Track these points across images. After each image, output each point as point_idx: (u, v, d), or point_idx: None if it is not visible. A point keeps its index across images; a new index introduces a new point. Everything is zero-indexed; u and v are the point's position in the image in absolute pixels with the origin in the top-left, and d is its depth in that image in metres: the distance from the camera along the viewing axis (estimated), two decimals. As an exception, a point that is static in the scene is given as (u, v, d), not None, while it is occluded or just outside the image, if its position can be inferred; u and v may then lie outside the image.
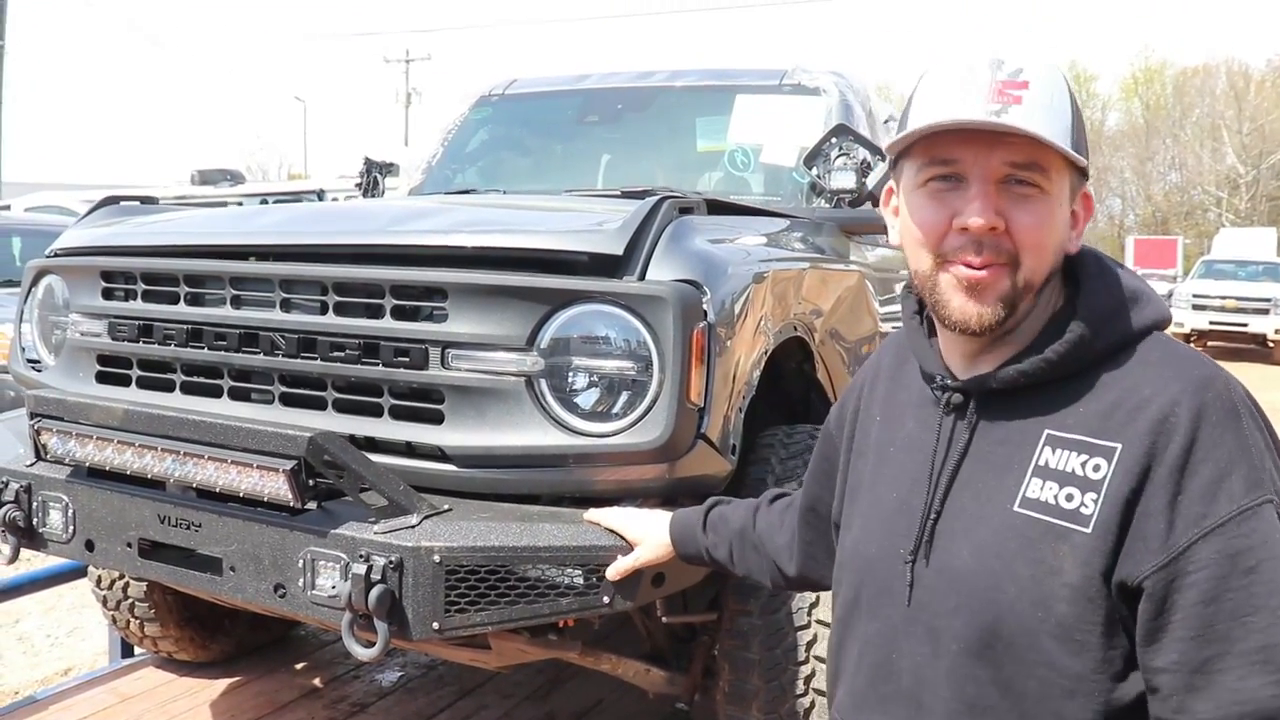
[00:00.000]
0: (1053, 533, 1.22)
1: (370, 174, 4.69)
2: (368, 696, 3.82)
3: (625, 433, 2.23)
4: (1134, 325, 1.30)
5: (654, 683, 2.83)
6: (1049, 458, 1.26)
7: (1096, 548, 1.19)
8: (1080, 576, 1.20)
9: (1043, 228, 1.28)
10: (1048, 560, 1.22)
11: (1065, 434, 1.26)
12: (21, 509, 2.61)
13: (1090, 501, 1.21)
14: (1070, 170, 1.30)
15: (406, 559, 2.10)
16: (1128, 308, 1.31)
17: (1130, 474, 1.19)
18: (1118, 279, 1.34)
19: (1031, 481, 1.26)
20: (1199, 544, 1.15)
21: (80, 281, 2.92)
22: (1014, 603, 1.24)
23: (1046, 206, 1.28)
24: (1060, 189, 1.29)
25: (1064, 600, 1.21)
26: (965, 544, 1.30)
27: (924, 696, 1.33)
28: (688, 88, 4.40)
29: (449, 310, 2.32)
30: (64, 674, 4.72)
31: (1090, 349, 1.28)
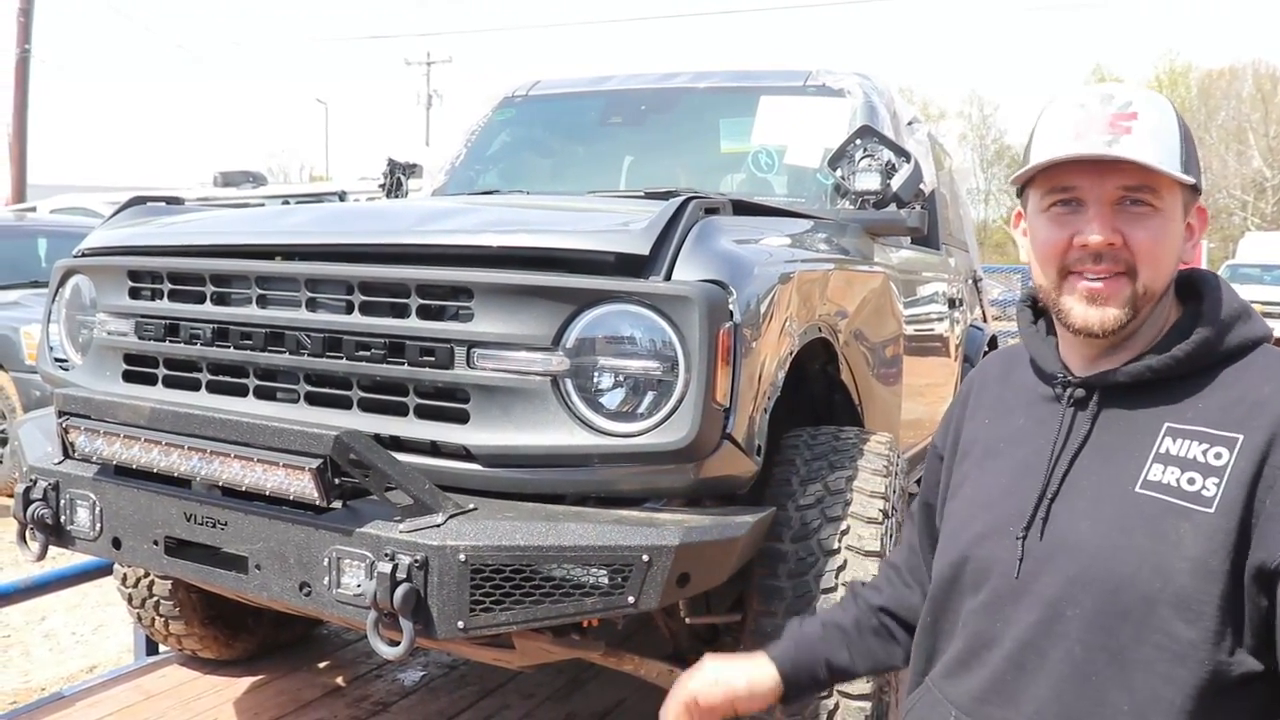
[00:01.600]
0: (1174, 511, 1.33)
1: (394, 175, 4.70)
2: (390, 695, 3.83)
3: (650, 433, 2.23)
4: (1250, 334, 1.44)
5: (677, 684, 2.82)
6: (1170, 446, 1.37)
7: (1220, 526, 1.29)
8: (1202, 550, 1.30)
9: (1157, 241, 1.42)
10: (1169, 535, 1.32)
11: (1186, 425, 1.37)
12: (49, 506, 2.63)
13: (1212, 485, 1.31)
14: (1181, 189, 1.43)
15: (432, 558, 2.10)
16: (1242, 320, 1.44)
17: (1253, 461, 1.30)
18: (1233, 295, 1.46)
19: (1153, 467, 1.37)
20: None
21: (107, 281, 2.94)
22: (1135, 573, 1.33)
23: (1159, 222, 1.42)
24: (1172, 206, 1.42)
25: (1184, 572, 1.30)
26: (1085, 519, 1.40)
27: (1027, 660, 1.42)
28: (711, 89, 4.40)
29: (474, 310, 2.33)
30: (89, 671, 4.76)
31: (1212, 351, 1.41)
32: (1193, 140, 1.45)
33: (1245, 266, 22.74)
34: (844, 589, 2.49)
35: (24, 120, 19.00)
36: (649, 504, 2.33)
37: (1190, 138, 1.45)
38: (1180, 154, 1.42)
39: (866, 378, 3.22)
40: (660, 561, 2.12)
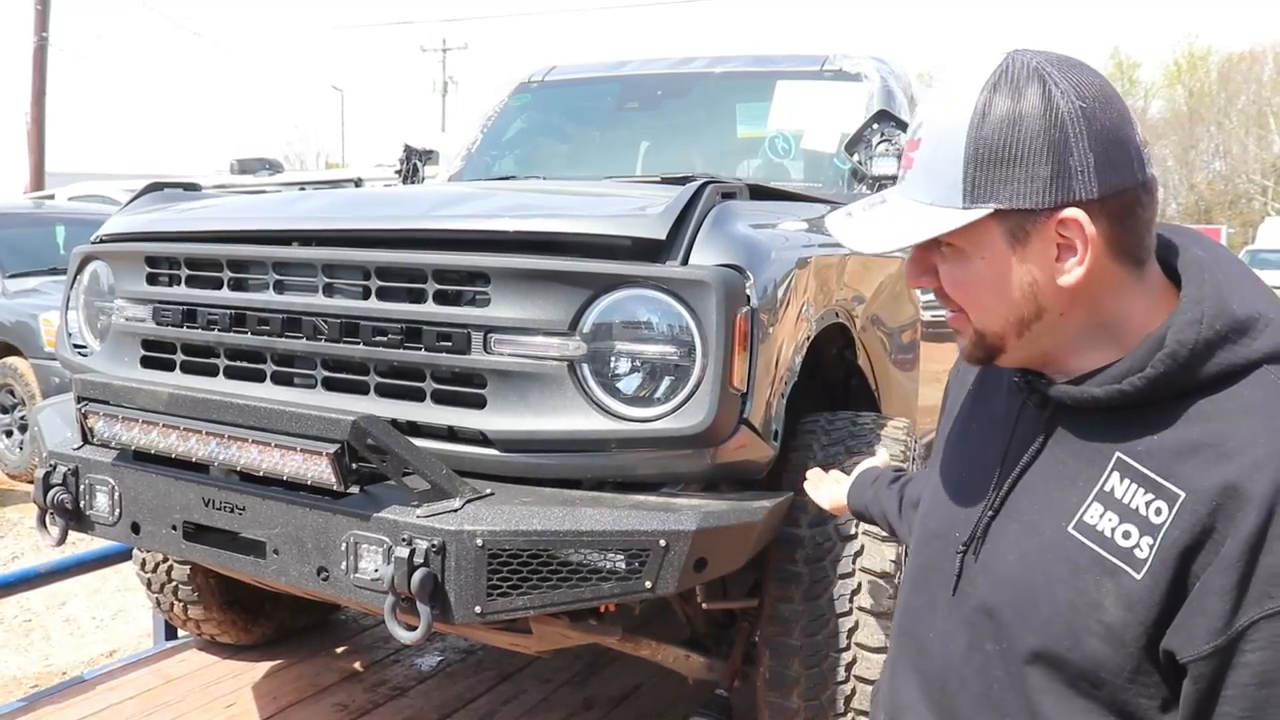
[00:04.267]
0: (1101, 566, 1.16)
1: (410, 161, 4.70)
2: (407, 680, 3.85)
3: (668, 418, 2.23)
4: (1239, 357, 1.15)
5: (693, 669, 2.83)
6: (1115, 485, 1.17)
7: (1143, 597, 1.12)
8: (1119, 620, 1.14)
9: (962, 284, 1.23)
10: (1090, 592, 1.16)
11: (1136, 463, 1.16)
12: (69, 492, 2.64)
13: (1146, 546, 1.13)
14: (997, 217, 1.17)
15: (449, 543, 2.10)
16: (1235, 336, 1.16)
17: (1188, 532, 1.10)
18: (1226, 301, 1.17)
19: (1092, 505, 1.19)
20: (1261, 623, 1.07)
21: (125, 267, 2.95)
22: (1046, 624, 1.19)
23: (961, 263, 1.22)
24: (977, 242, 1.19)
25: (1097, 636, 1.15)
26: (1014, 550, 1.25)
27: (950, 683, 1.32)
28: (728, 74, 4.38)
29: (491, 295, 2.32)
30: (109, 655, 4.79)
31: (1175, 384, 1.16)
32: (999, 150, 1.16)
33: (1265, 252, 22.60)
34: (861, 574, 2.48)
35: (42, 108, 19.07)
36: (666, 489, 2.32)
37: (989, 150, 1.16)
38: (965, 181, 1.17)
39: (883, 363, 3.21)
40: (677, 546, 2.12)
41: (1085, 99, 1.14)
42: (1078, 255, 1.16)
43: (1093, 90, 1.15)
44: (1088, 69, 1.17)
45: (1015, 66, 1.16)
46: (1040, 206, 1.15)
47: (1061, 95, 1.14)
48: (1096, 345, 1.22)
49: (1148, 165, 1.17)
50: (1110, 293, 1.20)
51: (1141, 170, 1.16)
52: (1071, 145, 1.14)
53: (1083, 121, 1.13)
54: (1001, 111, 1.15)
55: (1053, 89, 1.14)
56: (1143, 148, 1.17)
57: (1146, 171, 1.17)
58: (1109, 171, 1.14)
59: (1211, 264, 1.21)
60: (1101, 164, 1.14)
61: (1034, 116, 1.14)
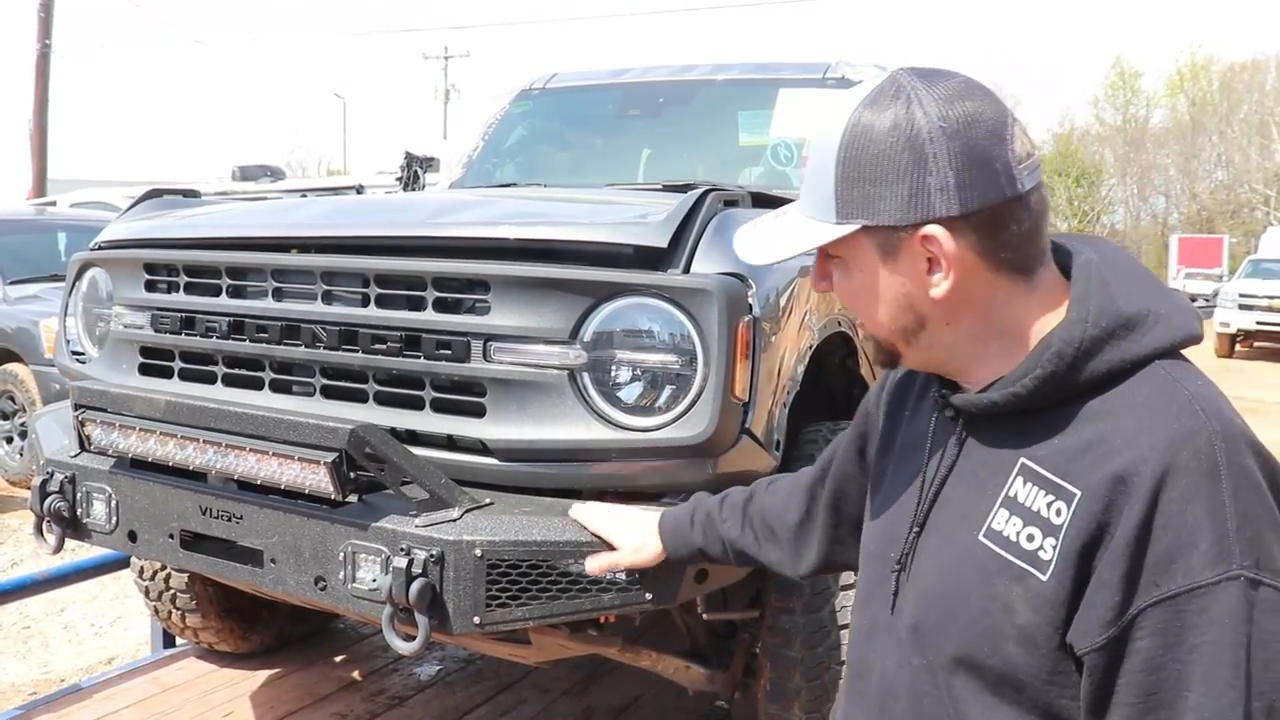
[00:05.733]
0: (1010, 571, 1.18)
1: (411, 168, 4.69)
2: (406, 690, 3.83)
3: (669, 427, 2.21)
4: (1129, 354, 1.18)
5: (694, 680, 2.80)
6: (1019, 490, 1.20)
7: (1049, 598, 1.14)
8: (1030, 622, 1.16)
9: (847, 294, 1.30)
10: (1002, 598, 1.18)
11: (1038, 467, 1.19)
12: (66, 499, 2.62)
13: (1049, 547, 1.15)
14: (866, 232, 1.23)
15: (448, 553, 2.08)
16: (1122, 334, 1.19)
17: (1085, 529, 1.13)
18: (1113, 299, 1.20)
19: (999, 512, 1.21)
20: (1148, 611, 1.09)
21: (123, 274, 2.94)
22: (964, 632, 1.21)
23: (844, 273, 1.29)
24: (854, 253, 1.26)
25: (1012, 640, 1.17)
26: (933, 564, 1.28)
27: (887, 702, 1.33)
28: (730, 81, 4.37)
29: (491, 303, 2.31)
30: (107, 663, 4.77)
31: (1066, 384, 1.19)
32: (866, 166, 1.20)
33: (1268, 261, 22.55)
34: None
35: (44, 115, 19.10)
36: (667, 499, 2.30)
37: (858, 166, 1.20)
38: (835, 198, 1.22)
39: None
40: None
41: (948, 118, 1.17)
42: (943, 270, 1.21)
43: (959, 109, 1.17)
44: (963, 87, 1.20)
45: (887, 86, 1.21)
46: (902, 224, 1.20)
47: (924, 115, 1.17)
48: (999, 354, 1.25)
49: (1022, 179, 1.18)
50: (997, 302, 1.23)
51: (1012, 185, 1.17)
52: (930, 164, 1.17)
53: (943, 140, 1.16)
54: (867, 131, 1.20)
55: (915, 109, 1.18)
56: (1018, 163, 1.18)
57: (1019, 186, 1.18)
58: (971, 189, 1.17)
59: (1100, 265, 1.24)
60: (963, 182, 1.16)
61: (895, 136, 1.18)
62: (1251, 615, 1.06)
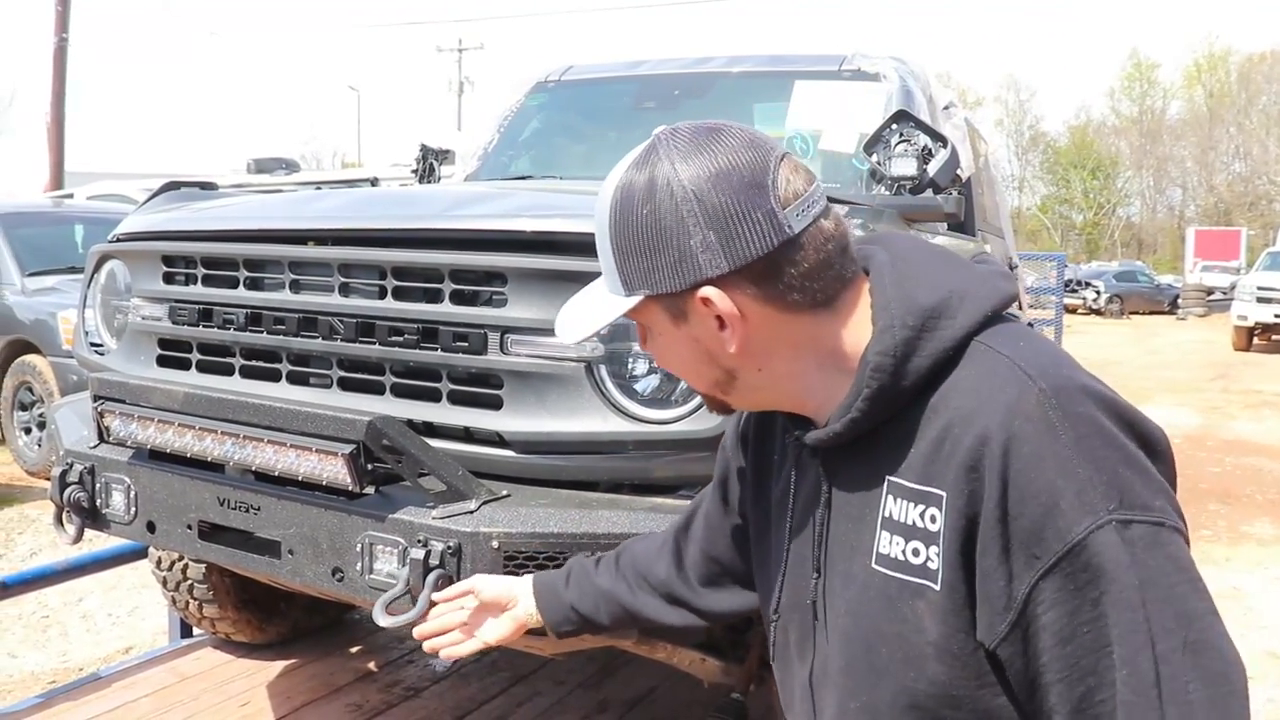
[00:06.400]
0: (908, 590, 1.15)
1: (426, 160, 4.69)
2: (421, 681, 3.84)
3: (685, 419, 2.21)
4: (945, 342, 1.15)
5: (709, 672, 2.80)
6: (892, 508, 1.17)
7: (949, 606, 1.12)
8: (940, 634, 1.13)
9: (658, 356, 1.29)
10: (909, 618, 1.16)
11: (902, 480, 1.16)
12: (85, 490, 2.64)
13: (935, 556, 1.13)
14: (654, 300, 1.20)
15: (465, 544, 2.09)
16: (931, 325, 1.16)
17: (957, 527, 1.11)
18: (912, 295, 1.18)
19: (881, 535, 1.18)
20: (1039, 585, 1.07)
21: (142, 266, 2.95)
22: (889, 664, 1.18)
23: (651, 339, 1.27)
24: (650, 321, 1.24)
25: (932, 658, 1.14)
26: (841, 603, 1.25)
27: None
28: (745, 74, 4.35)
29: (509, 295, 2.31)
30: (125, 652, 4.80)
31: (897, 393, 1.16)
32: (640, 237, 1.18)
33: (1287, 254, 22.41)
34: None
35: (61, 108, 19.16)
36: (683, 491, 2.31)
37: (632, 237, 1.18)
38: (617, 270, 1.21)
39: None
40: (694, 550, 2.10)
41: (698, 178, 1.14)
42: (729, 326, 1.18)
43: (709, 166, 1.15)
44: (717, 142, 1.16)
45: (645, 152, 1.20)
46: (676, 290, 1.17)
47: (675, 176, 1.15)
48: (827, 383, 1.22)
49: (790, 223, 1.14)
50: (803, 339, 1.20)
51: (779, 232, 1.14)
52: (690, 228, 1.14)
53: (695, 203, 1.14)
54: (629, 199, 1.18)
55: (667, 170, 1.16)
56: (783, 206, 1.14)
57: (786, 230, 1.14)
58: (735, 244, 1.14)
59: (891, 264, 1.21)
60: (726, 238, 1.14)
61: (652, 204, 1.16)
62: (1135, 556, 1.04)
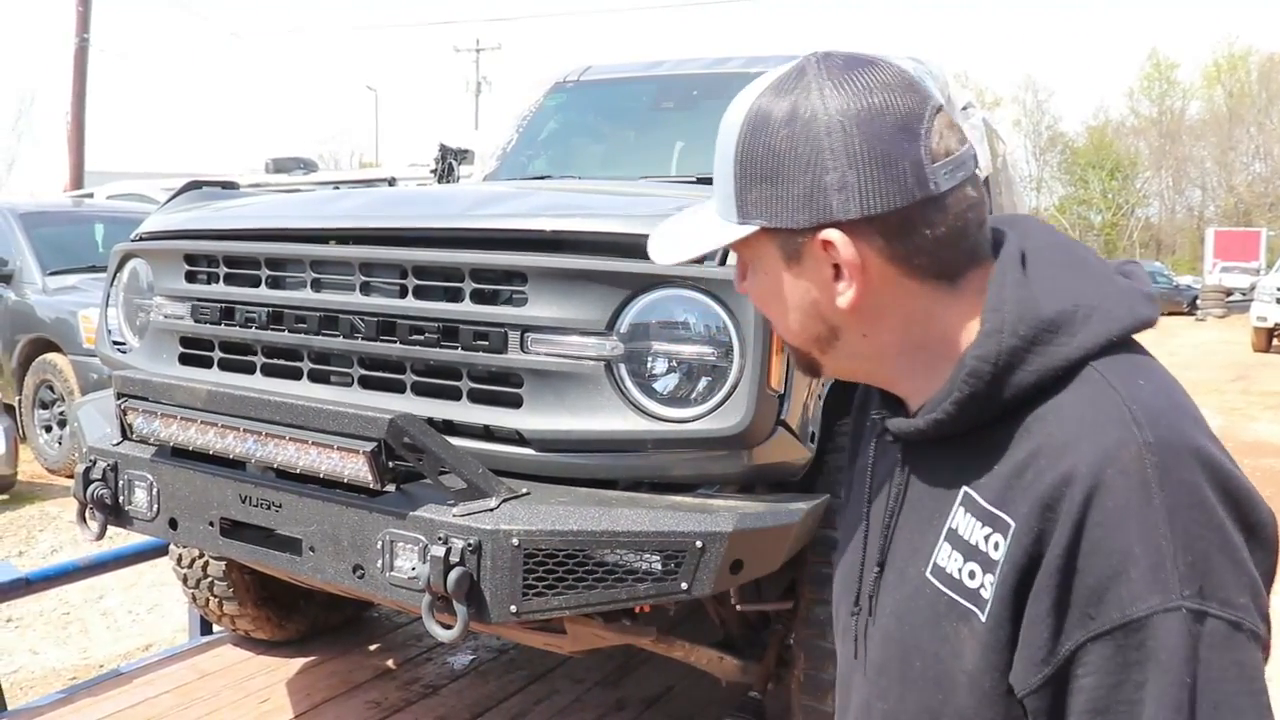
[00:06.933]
0: (956, 611, 1.07)
1: (445, 159, 4.71)
2: (440, 679, 3.85)
3: (704, 418, 2.22)
4: (1056, 360, 1.04)
5: (727, 671, 2.81)
6: (960, 522, 1.08)
7: (991, 642, 1.03)
8: (976, 667, 1.05)
9: (756, 297, 1.19)
10: (950, 639, 1.08)
11: (977, 495, 1.07)
12: (108, 487, 2.66)
13: (989, 585, 1.03)
14: (768, 234, 1.10)
15: (485, 542, 2.10)
16: (1046, 339, 1.05)
17: (1018, 563, 1.01)
18: (1032, 300, 1.06)
19: (943, 546, 1.10)
20: (1088, 646, 0.97)
21: (164, 265, 2.97)
22: (918, 678, 1.11)
23: (754, 275, 1.17)
24: (759, 256, 1.14)
25: (963, 687, 1.06)
26: (890, 602, 1.17)
27: None
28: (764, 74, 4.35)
29: (529, 294, 2.32)
30: (145, 649, 4.84)
31: (990, 404, 1.06)
32: (771, 163, 1.07)
33: (1306, 255, 22.24)
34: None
35: (82, 108, 19.28)
36: (702, 490, 2.31)
37: (761, 161, 1.08)
38: (735, 196, 1.10)
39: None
40: (714, 548, 2.11)
41: (849, 111, 1.05)
42: (846, 278, 1.08)
43: (865, 101, 1.05)
44: (874, 76, 1.07)
45: (791, 72, 1.09)
46: (799, 226, 1.07)
47: (823, 106, 1.05)
48: (926, 368, 1.13)
49: (936, 179, 1.05)
50: (915, 312, 1.11)
51: (923, 187, 1.04)
52: (827, 161, 1.05)
53: (842, 136, 1.04)
54: (764, 122, 1.08)
55: (815, 99, 1.06)
56: (932, 161, 1.05)
57: (930, 186, 1.04)
58: (873, 189, 1.04)
59: (1019, 257, 1.10)
60: (864, 181, 1.04)
61: (791, 130, 1.06)
62: (1196, 652, 0.94)
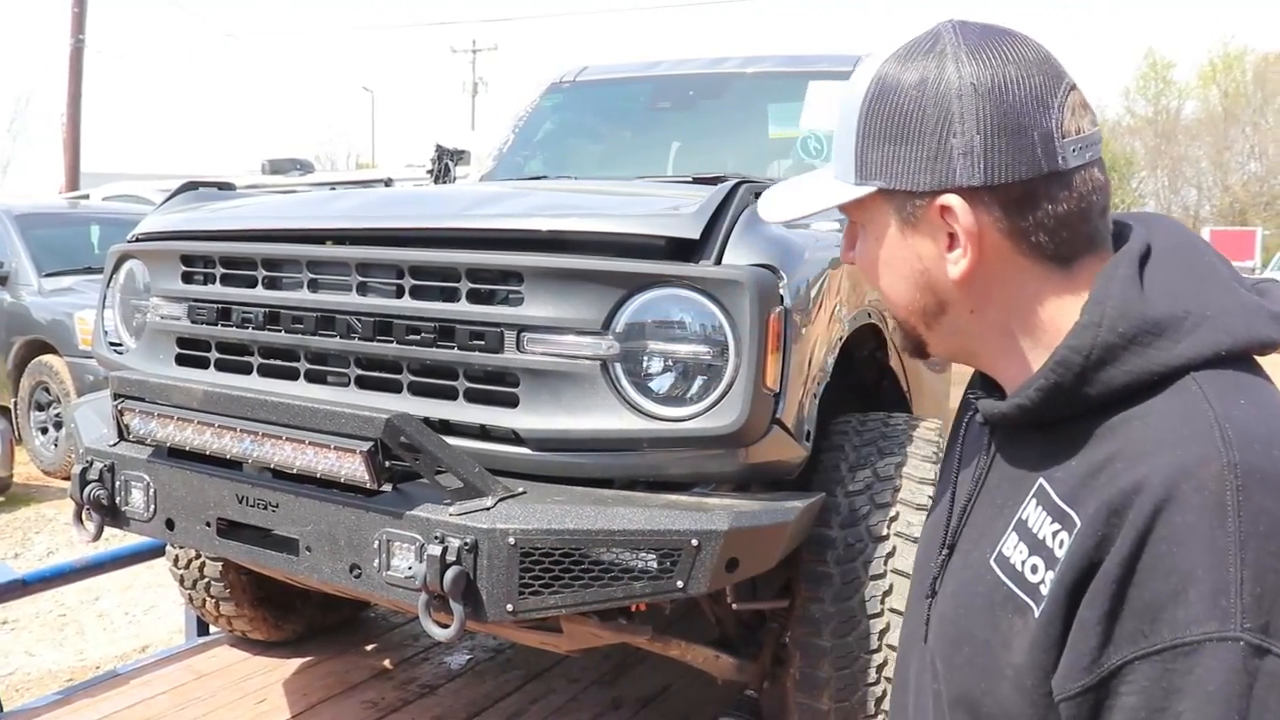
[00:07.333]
0: (1013, 603, 1.05)
1: (442, 160, 4.72)
2: (437, 678, 3.86)
3: (700, 417, 2.22)
4: (1154, 364, 1.01)
5: (723, 669, 2.82)
6: (1030, 513, 1.06)
7: (1039, 640, 1.01)
8: (1022, 661, 1.03)
9: (865, 264, 1.18)
10: (1003, 631, 1.06)
11: (1051, 489, 1.05)
12: (105, 488, 2.67)
13: (1047, 582, 1.01)
14: (885, 196, 1.10)
15: (482, 541, 2.11)
16: (1146, 340, 1.01)
17: (1077, 565, 0.98)
18: (1139, 299, 1.03)
19: (1010, 535, 1.08)
20: (1135, 664, 0.94)
21: (161, 266, 2.97)
22: (966, 665, 1.10)
23: (864, 240, 1.17)
24: (872, 219, 1.14)
25: (1008, 680, 1.04)
26: (952, 583, 1.17)
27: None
28: (760, 74, 4.37)
29: (525, 294, 2.33)
30: (141, 650, 4.84)
31: (1075, 398, 1.04)
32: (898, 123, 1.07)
33: (1301, 255, 22.29)
34: (892, 575, 2.47)
35: (78, 109, 19.26)
36: (698, 489, 2.32)
37: (887, 121, 1.08)
38: (856, 155, 1.11)
39: (915, 364, 3.19)
40: (709, 546, 2.11)
41: (983, 77, 1.04)
42: (961, 246, 1.07)
43: (1000, 69, 1.04)
44: (1012, 46, 1.06)
45: (924, 38, 1.09)
46: (919, 189, 1.07)
47: (956, 71, 1.04)
48: (1025, 353, 1.11)
49: (1065, 154, 1.04)
50: (1025, 292, 1.09)
51: (1050, 160, 1.03)
52: (955, 125, 1.04)
53: (974, 100, 1.03)
54: (894, 85, 1.08)
55: (948, 64, 1.05)
56: (1063, 137, 1.03)
57: (1059, 161, 1.03)
58: (1000, 158, 1.03)
59: (1139, 253, 1.07)
60: (991, 149, 1.03)
61: (921, 92, 1.06)
62: (1250, 689, 0.89)
